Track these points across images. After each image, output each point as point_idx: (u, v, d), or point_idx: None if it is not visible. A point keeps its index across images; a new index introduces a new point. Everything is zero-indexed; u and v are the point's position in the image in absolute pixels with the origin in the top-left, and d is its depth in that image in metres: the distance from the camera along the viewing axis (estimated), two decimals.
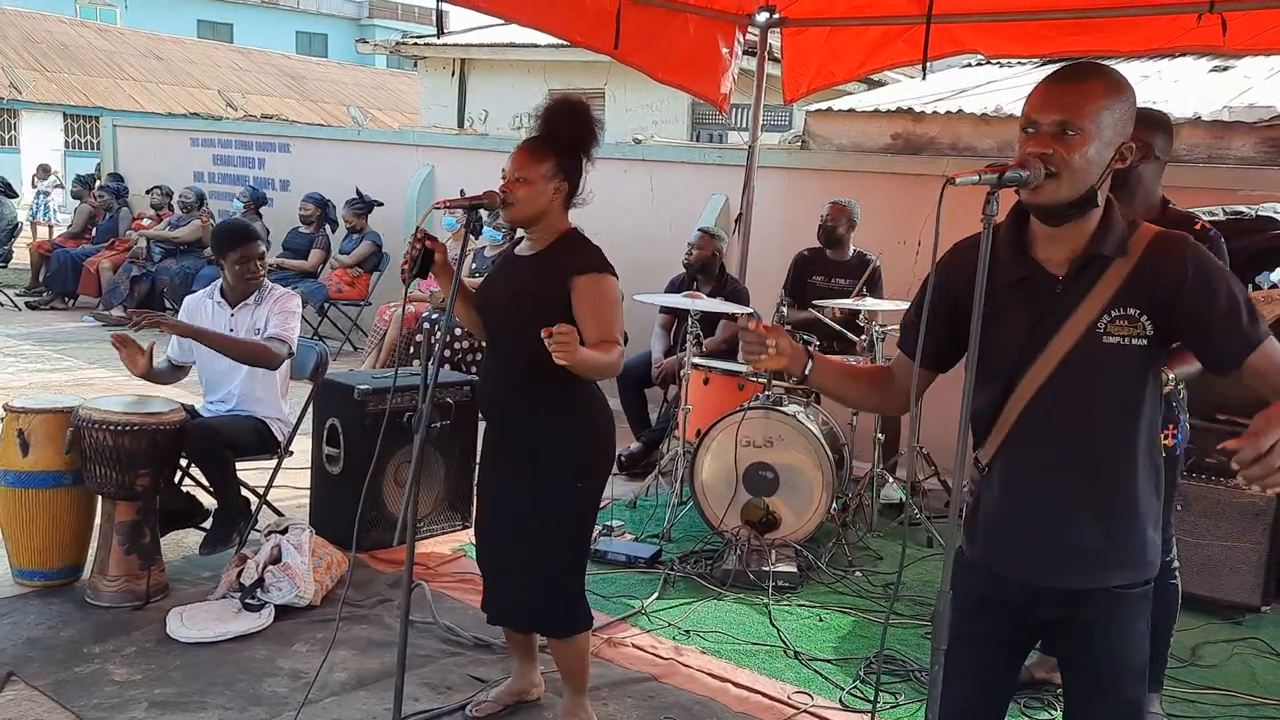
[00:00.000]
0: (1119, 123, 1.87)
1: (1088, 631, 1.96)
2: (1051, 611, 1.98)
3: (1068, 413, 1.91)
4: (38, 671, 3.26)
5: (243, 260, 4.18)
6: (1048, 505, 1.94)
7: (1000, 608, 2.01)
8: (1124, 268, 1.88)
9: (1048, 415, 1.92)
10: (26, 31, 25.61)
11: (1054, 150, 1.82)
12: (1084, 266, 1.90)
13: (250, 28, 32.70)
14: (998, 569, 2.00)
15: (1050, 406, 1.91)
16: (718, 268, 5.95)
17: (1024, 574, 1.96)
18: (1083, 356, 1.89)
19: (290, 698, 3.18)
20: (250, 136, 11.66)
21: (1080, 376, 1.89)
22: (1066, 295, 1.90)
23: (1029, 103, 1.89)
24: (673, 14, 5.74)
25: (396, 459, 4.45)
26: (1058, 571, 1.94)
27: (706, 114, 13.21)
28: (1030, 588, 1.96)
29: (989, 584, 2.01)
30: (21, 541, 3.86)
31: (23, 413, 3.84)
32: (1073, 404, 1.91)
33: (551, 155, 2.86)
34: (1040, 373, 1.91)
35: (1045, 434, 1.93)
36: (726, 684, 3.49)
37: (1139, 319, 1.86)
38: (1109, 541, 1.92)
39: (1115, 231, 1.90)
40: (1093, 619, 1.95)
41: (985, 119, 6.98)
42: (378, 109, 28.51)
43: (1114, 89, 1.87)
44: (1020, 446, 1.96)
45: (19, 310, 10.17)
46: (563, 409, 2.89)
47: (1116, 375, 1.89)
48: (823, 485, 4.60)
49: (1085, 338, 1.88)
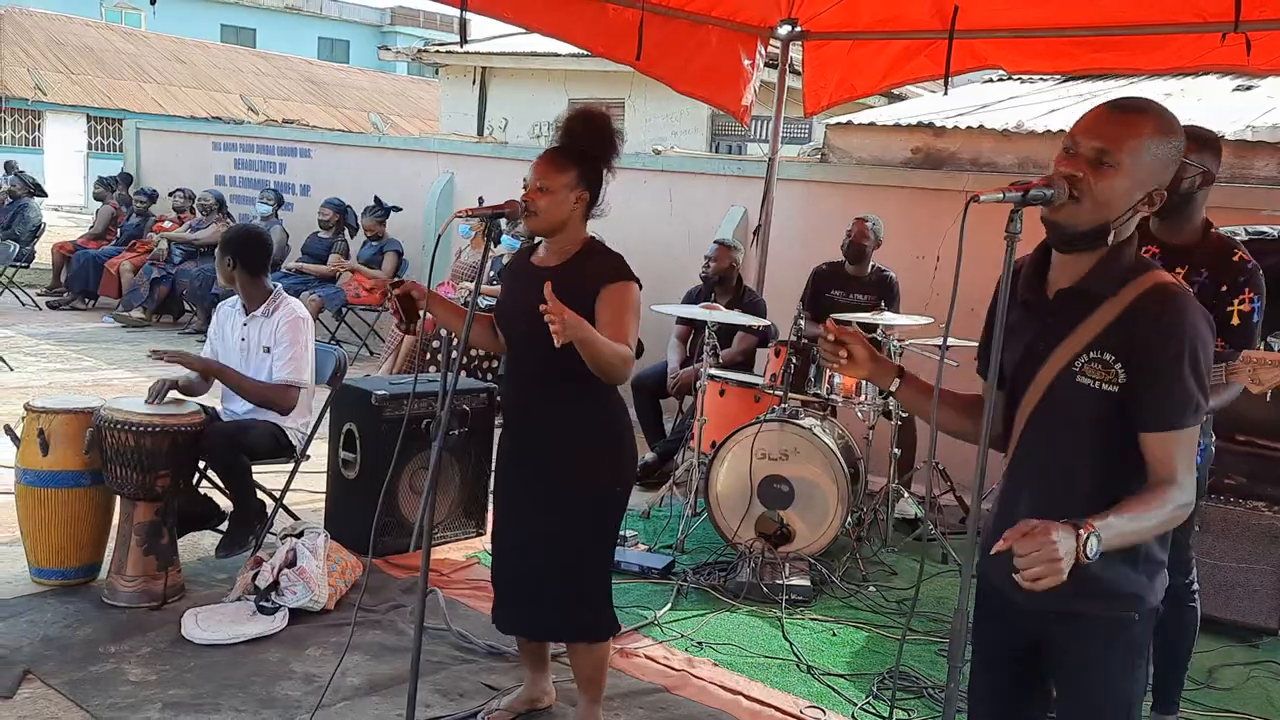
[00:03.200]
0: (1158, 165, 1.82)
1: (1062, 657, 1.95)
2: (1042, 633, 1.96)
3: (1044, 440, 1.93)
4: (54, 670, 3.28)
5: (224, 267, 4.23)
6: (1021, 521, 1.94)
7: (1004, 625, 2.01)
8: (1112, 310, 1.84)
9: (1033, 439, 1.95)
10: (52, 34, 25.86)
11: (1084, 175, 1.80)
12: (1070, 300, 1.88)
13: (273, 33, 32.92)
14: (997, 587, 1.99)
15: (1035, 431, 1.94)
16: (735, 279, 5.96)
17: (1005, 588, 1.92)
18: (1058, 391, 1.89)
19: (303, 701, 3.19)
20: (271, 141, 11.74)
21: (1054, 409, 1.91)
22: (1054, 325, 1.90)
23: (1078, 123, 1.86)
24: (695, 26, 5.75)
25: (412, 465, 4.46)
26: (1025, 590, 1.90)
27: (726, 125, 13.23)
28: (1013, 605, 1.94)
29: (995, 601, 2.00)
30: (40, 540, 3.88)
31: (43, 412, 3.86)
32: (1048, 432, 1.92)
33: (573, 165, 2.87)
34: (1032, 398, 1.93)
35: (1030, 455, 1.96)
36: (739, 697, 3.48)
37: (1113, 365, 1.82)
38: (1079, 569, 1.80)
39: (1114, 271, 1.85)
40: (1066, 645, 1.94)
41: (1007, 134, 6.97)
42: (398, 115, 28.66)
43: (1165, 130, 1.83)
44: (1016, 465, 1.99)
45: (40, 310, 10.26)
46: (584, 417, 2.90)
47: (1083, 416, 1.87)
48: (838, 499, 4.59)
49: (1063, 374, 1.88)
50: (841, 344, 2.06)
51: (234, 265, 4.21)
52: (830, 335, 2.07)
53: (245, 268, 4.23)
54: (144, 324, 9.66)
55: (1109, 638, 1.90)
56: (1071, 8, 5.02)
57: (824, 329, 2.08)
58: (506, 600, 3.07)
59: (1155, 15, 4.87)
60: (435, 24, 34.98)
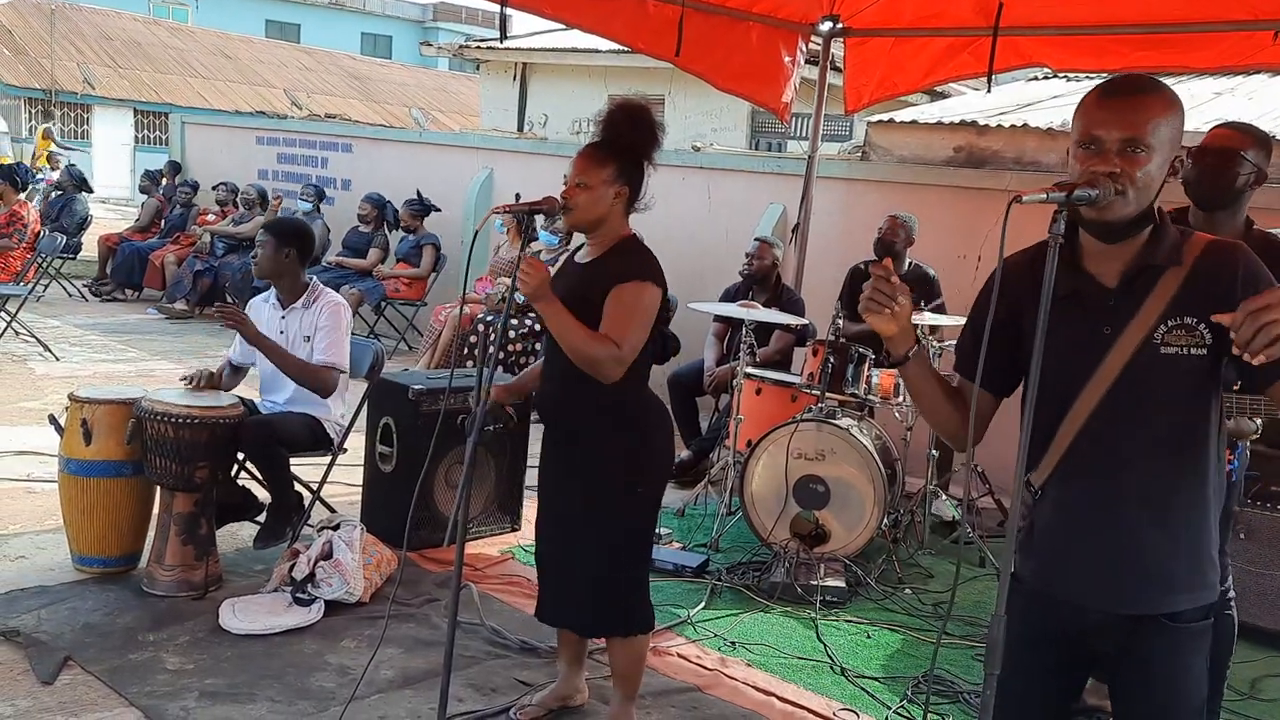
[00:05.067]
0: (1175, 136, 1.84)
1: (1144, 665, 1.90)
2: (1108, 641, 1.92)
3: (1128, 428, 1.86)
4: (94, 657, 3.32)
5: (262, 246, 4.26)
6: (1108, 526, 1.88)
7: (1054, 635, 1.96)
8: (1178, 276, 1.84)
9: (1107, 432, 1.87)
10: (102, 29, 26.31)
11: (1122, 169, 1.78)
12: (1136, 277, 1.86)
13: (317, 28, 33.24)
14: (1054, 594, 1.95)
15: (1109, 423, 1.86)
16: (774, 278, 5.93)
17: (1083, 599, 1.91)
18: (1141, 369, 1.84)
19: (337, 693, 3.21)
20: (314, 136, 11.84)
21: (1139, 390, 1.84)
22: (1120, 307, 1.86)
23: (1085, 118, 1.84)
24: (735, 22, 5.73)
25: (448, 460, 4.48)
26: (1118, 595, 1.88)
27: (766, 122, 13.17)
28: (1086, 614, 1.91)
29: (1044, 610, 1.95)
30: (82, 529, 3.94)
31: (86, 402, 3.92)
32: (1133, 419, 1.85)
33: (613, 160, 2.86)
34: (1098, 388, 1.86)
35: (1104, 451, 1.87)
36: (771, 698, 3.46)
37: (1196, 328, 1.81)
38: (1174, 562, 1.86)
39: (1167, 240, 1.86)
40: (1149, 652, 1.89)
41: (1051, 133, 6.88)
42: (439, 111, 28.84)
43: (1172, 103, 1.84)
44: (1078, 465, 1.90)
45: (86, 300, 10.42)
46: (615, 413, 2.90)
47: (1177, 387, 1.84)
48: (874, 500, 4.55)
49: (1142, 349, 1.84)
50: (896, 292, 1.90)
51: (290, 255, 4.26)
52: (895, 283, 1.90)
53: (301, 259, 4.29)
54: (187, 316, 9.78)
55: (1195, 637, 1.88)
56: (1119, 4, 4.94)
57: (880, 267, 1.91)
58: (547, 593, 3.10)
59: (1205, 13, 4.78)
60: (477, 20, 35.16)
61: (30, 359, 7.52)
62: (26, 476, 4.97)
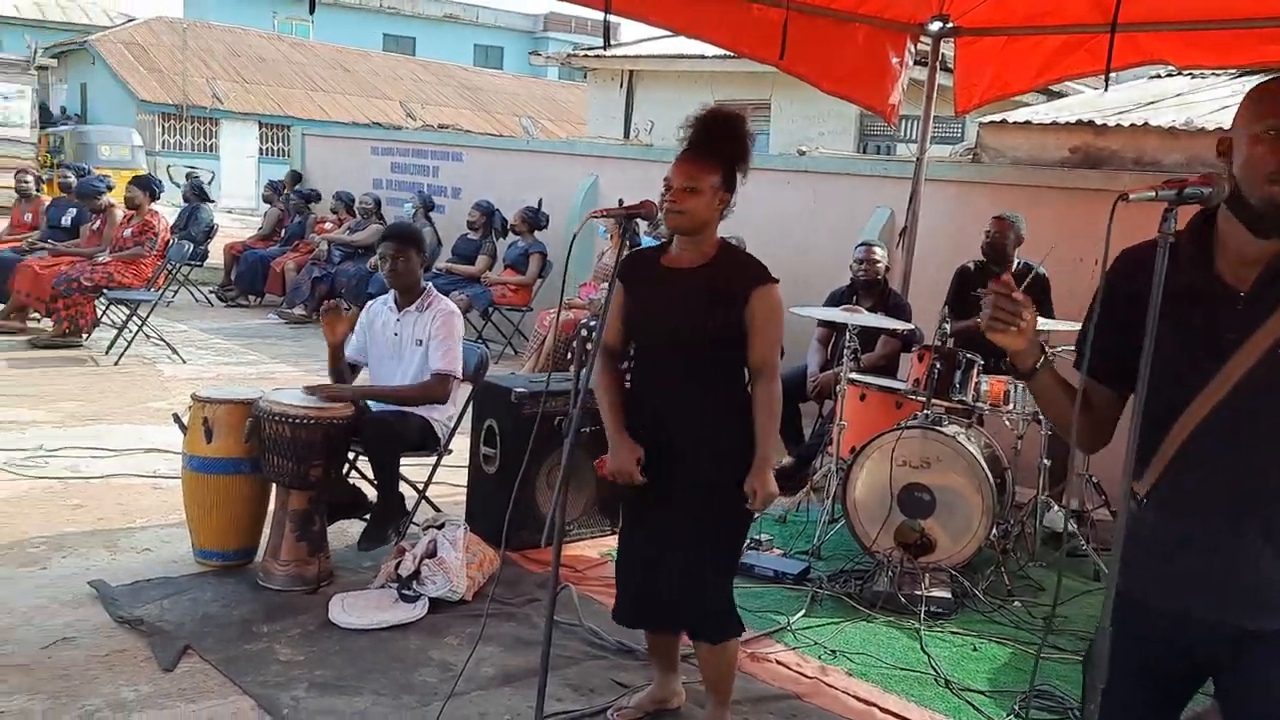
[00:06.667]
0: None
1: (1258, 679, 1.81)
2: (1218, 654, 1.84)
3: (1244, 437, 1.77)
4: (211, 647, 3.46)
5: (386, 256, 4.36)
6: (1220, 536, 1.80)
7: (1161, 648, 1.89)
8: None
9: (1221, 439, 1.78)
10: (231, 45, 27.51)
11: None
12: (1272, 281, 1.76)
13: (432, 41, 34.09)
14: (1161, 606, 1.87)
15: (1224, 430, 1.78)
16: (880, 281, 5.84)
17: (1193, 611, 1.83)
18: (1263, 378, 1.75)
19: (439, 688, 3.28)
20: (426, 146, 12.16)
21: (1259, 399, 1.76)
22: (1250, 312, 1.77)
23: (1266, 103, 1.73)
24: (841, 24, 5.66)
25: (549, 462, 4.53)
26: (1230, 608, 1.80)
27: (874, 125, 12.99)
28: (1196, 627, 1.83)
29: (1152, 623, 1.88)
30: (203, 523, 4.11)
31: (208, 402, 4.09)
32: (1250, 428, 1.77)
33: (719, 167, 2.87)
34: (1215, 394, 1.78)
35: (1217, 460, 1.79)
36: (873, 708, 3.40)
37: None
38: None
39: None
40: (1265, 665, 1.80)
41: (1173, 132, 6.61)
42: (548, 119, 29.30)
43: None
44: (1188, 473, 1.82)
45: (211, 306, 10.88)
46: (722, 421, 2.91)
47: None
48: (982, 510, 4.43)
49: (1267, 358, 1.74)
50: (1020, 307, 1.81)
51: (413, 259, 4.38)
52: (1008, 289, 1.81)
53: (424, 263, 4.47)
54: (305, 320, 10.12)
55: None
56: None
57: (1000, 282, 1.82)
58: (628, 595, 3.09)
59: None
60: (585, 29, 35.52)
61: (159, 361, 7.90)
62: (153, 473, 5.22)
